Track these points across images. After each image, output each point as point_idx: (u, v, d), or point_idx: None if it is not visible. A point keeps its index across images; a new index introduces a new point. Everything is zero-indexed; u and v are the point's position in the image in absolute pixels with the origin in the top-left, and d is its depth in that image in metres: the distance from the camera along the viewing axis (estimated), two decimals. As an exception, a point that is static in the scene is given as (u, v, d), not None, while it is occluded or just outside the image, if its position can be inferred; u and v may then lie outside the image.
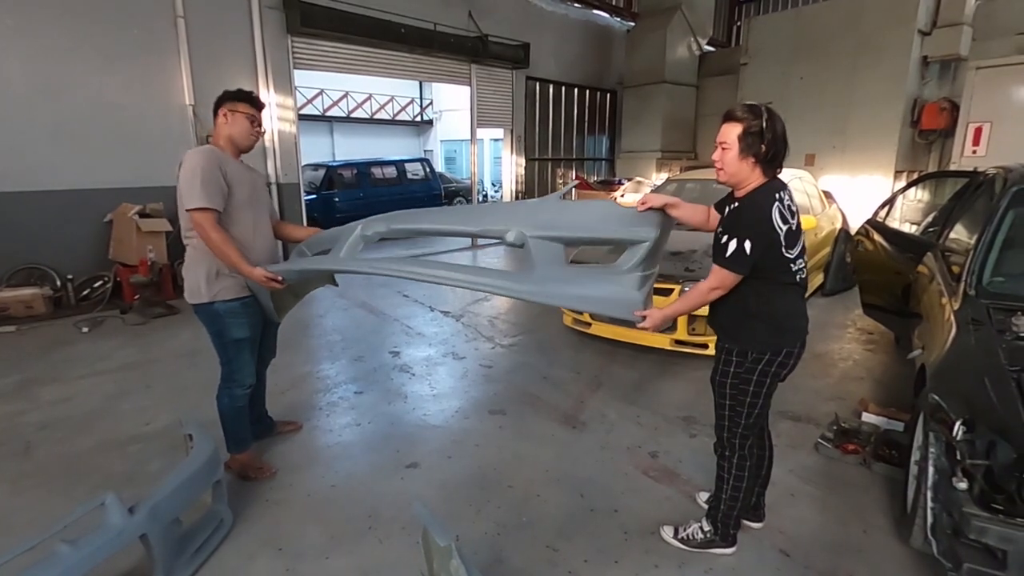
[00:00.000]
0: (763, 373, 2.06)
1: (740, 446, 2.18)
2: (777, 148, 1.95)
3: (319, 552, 2.32)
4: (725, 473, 2.22)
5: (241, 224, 2.56)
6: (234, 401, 2.75)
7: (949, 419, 1.91)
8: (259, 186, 2.77)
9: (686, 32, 11.74)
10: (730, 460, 2.20)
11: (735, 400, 2.13)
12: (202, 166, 2.39)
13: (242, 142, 2.62)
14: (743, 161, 1.96)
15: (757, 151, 1.93)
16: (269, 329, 2.97)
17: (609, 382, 4.06)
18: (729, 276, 1.96)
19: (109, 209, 6.13)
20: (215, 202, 2.41)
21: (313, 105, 19.44)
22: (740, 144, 1.94)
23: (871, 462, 2.90)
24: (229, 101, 2.59)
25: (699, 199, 5.92)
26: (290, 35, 7.33)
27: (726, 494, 2.23)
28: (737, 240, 1.92)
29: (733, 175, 2.00)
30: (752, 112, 1.93)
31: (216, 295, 2.55)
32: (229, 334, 2.63)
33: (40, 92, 5.72)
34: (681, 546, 2.32)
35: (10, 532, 2.41)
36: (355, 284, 7.22)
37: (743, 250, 1.90)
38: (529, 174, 11.51)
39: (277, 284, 2.50)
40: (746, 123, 1.93)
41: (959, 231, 3.49)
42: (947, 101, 8.37)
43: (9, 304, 5.46)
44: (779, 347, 2.04)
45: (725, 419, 2.17)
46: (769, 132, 1.91)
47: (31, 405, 3.66)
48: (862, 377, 4.14)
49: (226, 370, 2.74)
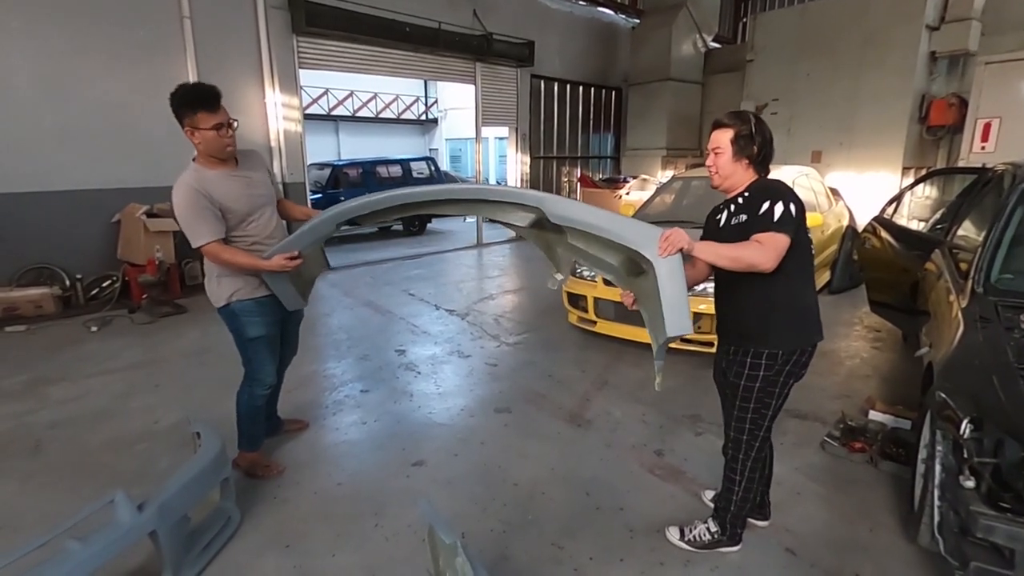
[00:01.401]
0: (790, 374, 2.05)
1: (759, 448, 2.16)
2: (767, 150, 2.03)
3: (326, 549, 2.33)
4: (738, 475, 2.19)
5: (251, 231, 2.58)
6: (253, 400, 2.78)
7: (957, 417, 1.90)
8: (255, 184, 2.61)
9: (691, 29, 11.69)
10: (744, 463, 2.17)
11: (761, 403, 2.08)
12: (189, 202, 2.37)
13: (219, 155, 2.47)
14: (737, 163, 2.03)
15: (750, 153, 2.01)
16: (290, 327, 2.99)
17: (614, 380, 4.06)
18: (783, 240, 1.86)
19: (117, 209, 6.17)
20: (216, 231, 2.42)
21: (318, 104, 19.50)
22: (733, 147, 2.01)
23: (878, 460, 2.88)
24: (186, 115, 2.37)
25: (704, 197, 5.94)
26: (295, 35, 7.34)
27: (737, 496, 2.21)
28: (782, 203, 1.88)
29: (728, 177, 2.06)
30: (740, 118, 2.03)
31: (232, 297, 2.59)
32: (246, 333, 2.66)
33: (48, 93, 5.76)
34: (688, 547, 2.31)
35: (21, 529, 2.44)
36: (361, 283, 7.26)
37: (789, 212, 1.88)
38: (534, 172, 11.50)
39: (296, 260, 2.50)
40: (736, 128, 2.01)
41: (967, 228, 3.47)
42: (955, 97, 8.29)
43: (19, 304, 5.51)
44: (807, 342, 2.05)
45: (746, 423, 2.12)
46: (759, 135, 2.00)
47: (41, 404, 3.70)
48: (869, 375, 4.13)
49: (248, 369, 2.77)
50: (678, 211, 5.57)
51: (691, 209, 5.69)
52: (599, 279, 4.49)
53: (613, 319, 4.51)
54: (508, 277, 7.11)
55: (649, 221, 2.16)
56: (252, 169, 2.65)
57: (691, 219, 5.07)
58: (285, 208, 2.87)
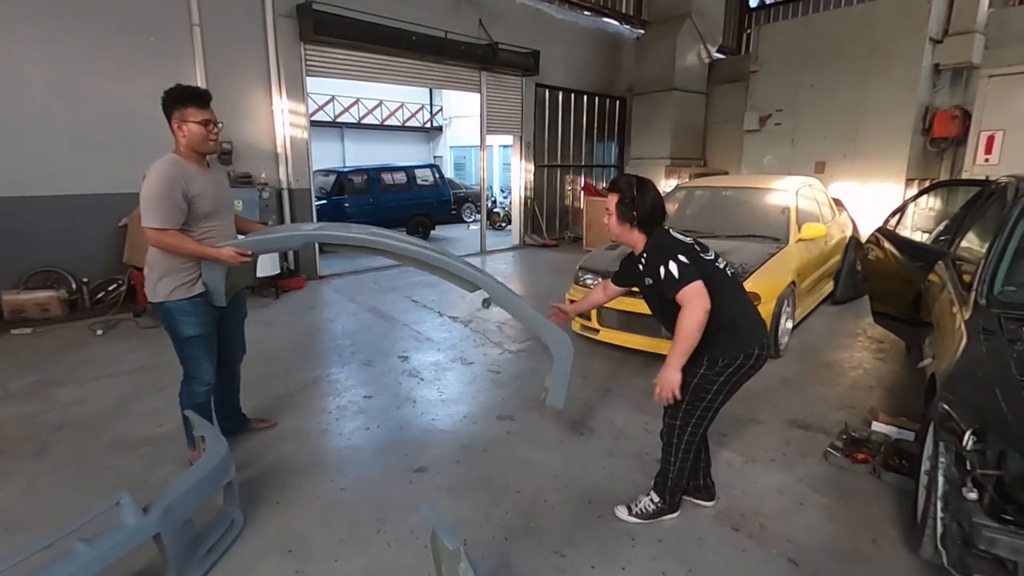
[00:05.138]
0: (731, 376, 2.27)
1: (691, 436, 2.39)
2: (648, 214, 2.28)
3: (328, 554, 2.34)
4: (672, 457, 2.45)
5: (205, 232, 2.65)
6: (193, 398, 2.83)
7: (959, 429, 1.90)
8: (223, 188, 2.81)
9: (696, 40, 11.75)
10: (677, 447, 2.42)
11: (696, 398, 2.31)
12: (162, 186, 2.47)
13: (201, 149, 2.64)
14: (622, 226, 2.32)
15: (630, 217, 2.29)
16: (231, 326, 3.04)
17: (617, 389, 4.06)
18: (696, 287, 2.12)
19: (124, 213, 6.21)
20: (173, 221, 2.51)
21: (324, 111, 19.63)
22: (617, 211, 2.31)
23: (881, 471, 2.88)
24: (176, 108, 2.56)
25: (708, 206, 5.98)
26: (303, 43, 7.41)
27: (673, 473, 2.47)
28: (671, 261, 2.16)
29: (618, 236, 2.39)
30: (623, 184, 2.31)
31: (169, 295, 2.64)
32: (181, 332, 2.71)
33: (58, 99, 5.82)
34: (636, 520, 2.54)
35: (27, 530, 2.45)
36: (365, 289, 7.28)
37: (682, 264, 2.15)
38: (538, 180, 11.53)
39: (247, 258, 2.63)
40: (620, 194, 2.30)
41: (971, 240, 3.47)
42: (959, 109, 8.31)
43: (26, 306, 5.55)
44: (744, 350, 2.25)
45: (679, 412, 2.36)
46: (640, 200, 2.25)
47: (47, 406, 3.72)
48: (872, 386, 4.12)
49: (185, 368, 2.84)
50: (682, 220, 5.58)
51: (694, 219, 5.72)
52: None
53: (616, 327, 4.52)
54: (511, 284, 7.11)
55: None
56: (220, 176, 2.85)
57: (694, 228, 5.11)
58: (239, 221, 2.98)
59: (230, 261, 2.59)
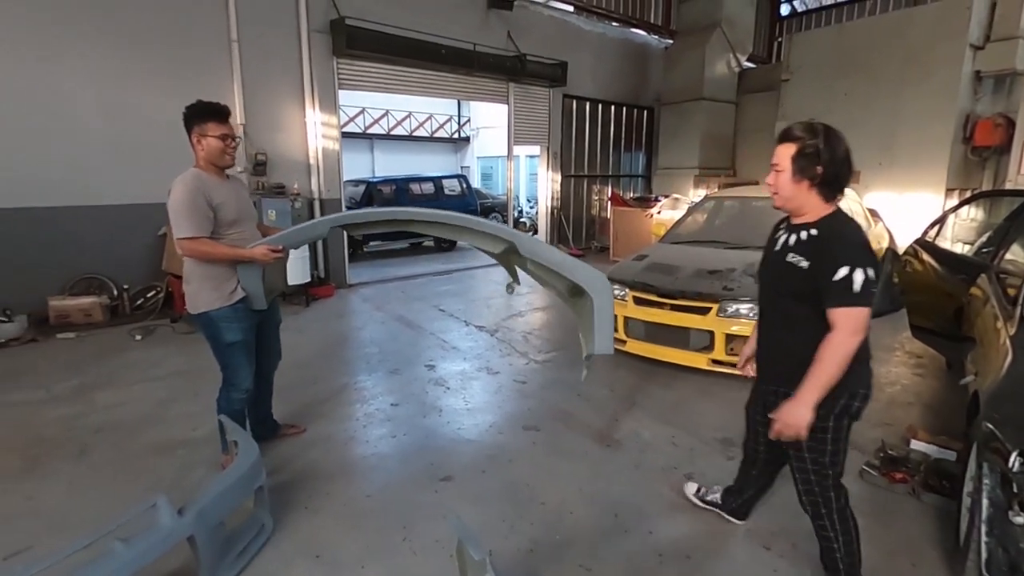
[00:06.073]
0: (853, 415, 1.90)
1: (836, 498, 1.99)
2: (836, 170, 1.80)
3: (355, 561, 2.36)
4: (830, 533, 2.02)
5: (233, 239, 2.73)
6: (231, 404, 2.89)
7: (1005, 449, 1.83)
8: (244, 199, 2.89)
9: (725, 49, 11.66)
10: (829, 517, 2.00)
11: (817, 452, 1.94)
12: (187, 197, 2.57)
13: (219, 162, 2.74)
14: (798, 184, 1.83)
15: (812, 173, 1.80)
16: (267, 333, 3.10)
17: (644, 401, 4.01)
18: (865, 314, 1.72)
19: (163, 223, 6.39)
20: (203, 229, 2.60)
21: (355, 123, 20.00)
22: (794, 166, 1.82)
23: (920, 492, 2.78)
24: (196, 123, 2.67)
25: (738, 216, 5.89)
26: (336, 57, 7.60)
27: (839, 542, 2.02)
28: (862, 270, 1.70)
29: (788, 199, 1.88)
30: (808, 131, 1.81)
31: (211, 305, 2.71)
32: (223, 339, 2.78)
33: (102, 113, 6.08)
34: None
35: (67, 530, 2.53)
36: (392, 298, 7.37)
37: (870, 279, 1.70)
38: (565, 190, 11.55)
39: (279, 254, 2.68)
40: (801, 143, 1.81)
41: (1015, 252, 3.36)
42: (1002, 117, 8.05)
43: (70, 312, 5.78)
44: (867, 381, 1.90)
45: (810, 473, 1.98)
46: (827, 152, 1.78)
47: (88, 408, 3.86)
48: (910, 403, 3.98)
49: (225, 374, 2.89)
50: (711, 231, 5.51)
51: (724, 229, 5.63)
52: (629, 299, 4.47)
53: (643, 339, 4.48)
54: (537, 295, 7.13)
55: (681, 241, 2.37)
56: (239, 186, 2.95)
57: (724, 239, 5.03)
58: (263, 229, 3.06)
59: (263, 259, 2.66)
